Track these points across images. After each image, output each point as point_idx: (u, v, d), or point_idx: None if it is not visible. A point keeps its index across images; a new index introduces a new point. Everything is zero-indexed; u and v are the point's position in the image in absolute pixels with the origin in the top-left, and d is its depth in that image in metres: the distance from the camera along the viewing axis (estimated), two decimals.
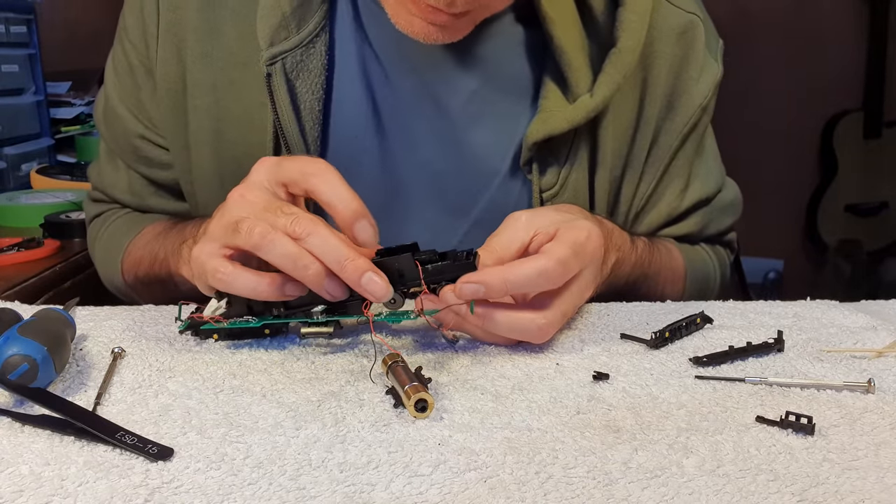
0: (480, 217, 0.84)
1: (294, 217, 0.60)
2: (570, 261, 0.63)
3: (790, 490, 0.45)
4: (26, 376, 0.53)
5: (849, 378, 0.59)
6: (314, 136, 0.80)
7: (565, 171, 0.81)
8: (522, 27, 0.82)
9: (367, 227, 0.61)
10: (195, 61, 0.82)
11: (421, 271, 0.62)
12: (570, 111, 0.78)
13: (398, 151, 0.83)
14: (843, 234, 2.97)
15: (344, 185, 0.62)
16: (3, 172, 1.57)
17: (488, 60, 0.82)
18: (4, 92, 1.61)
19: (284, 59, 0.78)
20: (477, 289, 0.60)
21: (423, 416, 0.53)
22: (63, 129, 1.82)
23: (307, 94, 0.79)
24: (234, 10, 0.81)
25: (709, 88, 0.85)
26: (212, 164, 0.84)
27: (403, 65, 0.81)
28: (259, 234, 0.59)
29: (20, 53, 1.66)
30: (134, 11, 0.85)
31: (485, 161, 0.82)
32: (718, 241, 0.98)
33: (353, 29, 0.82)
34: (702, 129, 0.88)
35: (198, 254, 0.63)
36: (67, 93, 1.91)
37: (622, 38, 0.78)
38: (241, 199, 0.63)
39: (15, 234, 1.27)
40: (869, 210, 2.96)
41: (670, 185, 0.88)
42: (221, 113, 0.82)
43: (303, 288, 0.61)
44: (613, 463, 0.48)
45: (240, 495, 0.44)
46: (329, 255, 0.59)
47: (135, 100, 0.88)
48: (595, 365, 0.62)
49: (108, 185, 0.94)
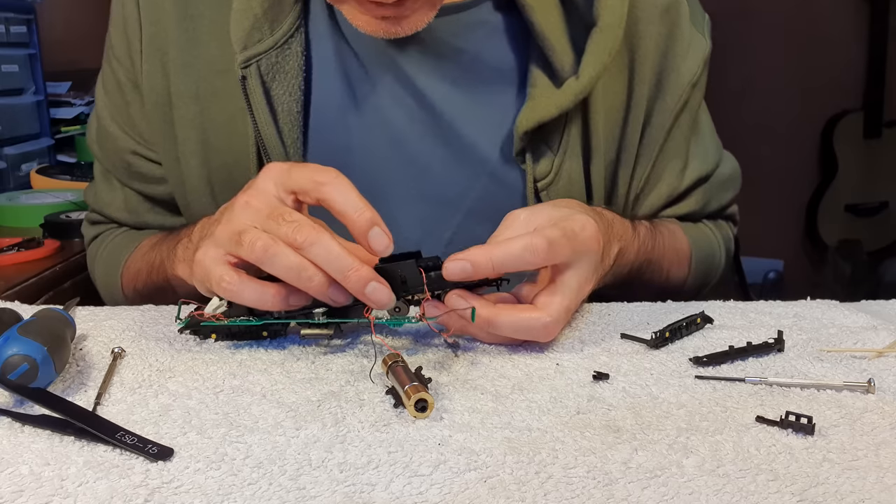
0: (472, 208, 0.83)
1: (296, 225, 0.60)
2: (559, 241, 0.63)
3: (790, 490, 0.45)
4: (26, 376, 0.53)
5: (849, 378, 0.59)
6: (293, 137, 0.80)
7: (559, 159, 0.81)
8: (502, 15, 0.82)
9: (381, 235, 0.60)
10: (177, 72, 0.82)
11: (425, 278, 0.62)
12: (559, 96, 0.78)
13: (383, 148, 0.83)
14: (843, 234, 2.96)
15: (356, 193, 0.61)
16: (3, 172, 1.57)
17: (469, 51, 0.81)
18: (4, 92, 1.61)
19: (259, 62, 0.78)
20: (463, 265, 0.61)
21: (424, 416, 0.53)
22: (63, 129, 1.82)
23: (284, 96, 0.79)
24: (211, 20, 0.81)
25: (697, 64, 0.85)
26: (201, 174, 0.84)
27: (382, 60, 0.81)
28: (261, 248, 0.59)
29: (20, 53, 1.66)
30: (118, 29, 0.86)
31: (474, 152, 0.82)
32: (720, 215, 0.97)
33: (329, 27, 0.81)
34: (694, 105, 0.88)
35: (202, 257, 0.63)
36: (67, 93, 1.91)
37: (602, 17, 0.77)
38: (247, 206, 0.62)
39: (15, 234, 1.27)
40: (869, 210, 2.96)
41: (668, 166, 0.88)
42: (206, 122, 0.82)
43: (307, 298, 0.61)
44: (613, 463, 0.48)
45: (240, 495, 0.44)
46: (332, 265, 0.59)
47: (125, 116, 0.88)
48: (595, 365, 0.62)
49: (105, 205, 0.94)
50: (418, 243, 0.83)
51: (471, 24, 0.81)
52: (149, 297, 0.86)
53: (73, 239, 1.26)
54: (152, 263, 0.83)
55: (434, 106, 0.82)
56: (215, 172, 0.83)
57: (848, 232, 2.96)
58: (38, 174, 1.58)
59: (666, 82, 0.84)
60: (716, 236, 0.95)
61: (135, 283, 0.88)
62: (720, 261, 0.95)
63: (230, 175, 0.83)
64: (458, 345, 0.61)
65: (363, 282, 0.59)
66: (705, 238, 0.93)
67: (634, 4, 0.81)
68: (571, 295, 0.65)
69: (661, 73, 0.84)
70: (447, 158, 0.82)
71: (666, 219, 0.90)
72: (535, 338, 0.64)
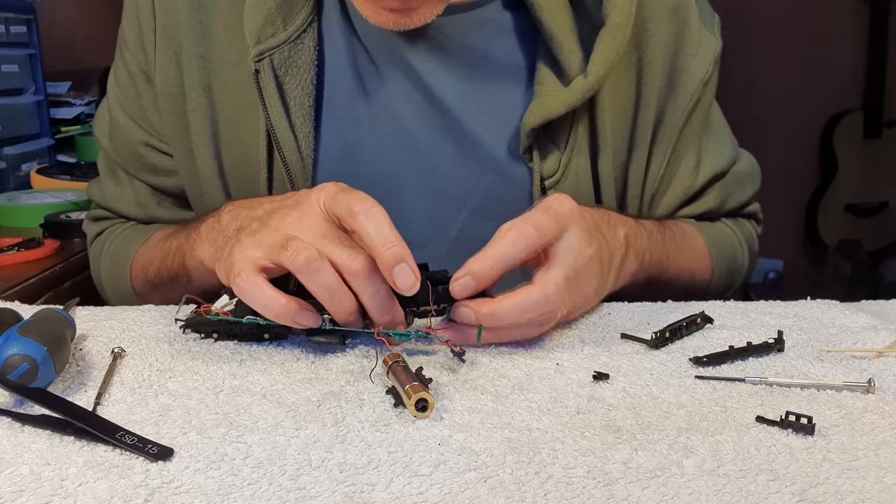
0: (479, 205, 0.83)
1: (352, 252, 0.60)
2: (541, 219, 0.63)
3: (790, 490, 0.45)
4: (26, 376, 0.53)
5: (849, 378, 0.59)
6: (305, 131, 0.80)
7: (566, 156, 0.81)
8: (511, 14, 0.82)
9: (407, 273, 0.59)
10: (191, 64, 0.82)
11: (431, 291, 0.62)
12: (566, 93, 0.78)
13: (392, 143, 0.83)
14: (843, 234, 2.97)
15: (388, 225, 0.60)
16: (3, 172, 1.57)
17: (477, 48, 0.82)
18: (4, 92, 1.61)
19: (272, 56, 0.79)
20: (466, 282, 0.61)
21: (424, 415, 0.53)
22: (63, 129, 1.82)
23: (296, 90, 0.80)
24: (224, 12, 0.82)
25: (709, 63, 0.85)
26: (213, 166, 0.84)
27: (392, 56, 0.82)
28: (305, 259, 0.59)
29: (20, 53, 1.66)
30: (131, 20, 0.86)
31: (481, 149, 0.82)
32: (740, 213, 0.96)
33: (341, 23, 0.82)
34: (706, 104, 0.88)
35: (238, 252, 0.62)
36: (67, 93, 1.91)
37: (611, 16, 0.78)
38: (300, 222, 0.62)
39: (15, 234, 1.27)
40: (869, 210, 2.96)
41: (682, 164, 0.87)
42: (217, 114, 0.83)
43: (314, 321, 0.61)
44: (613, 463, 0.48)
45: (240, 495, 0.44)
46: (376, 304, 0.61)
47: (137, 108, 0.88)
48: (595, 365, 0.62)
49: (112, 200, 0.93)
50: (425, 239, 0.83)
51: (480, 22, 0.81)
52: (159, 285, 0.85)
53: (73, 239, 1.26)
54: (168, 250, 0.83)
55: (443, 102, 0.82)
56: (226, 164, 0.84)
57: (848, 232, 2.97)
58: (38, 174, 1.58)
59: (677, 81, 0.84)
60: (736, 235, 0.94)
61: (145, 272, 0.87)
62: (743, 260, 0.94)
63: (240, 167, 0.83)
64: (464, 352, 0.61)
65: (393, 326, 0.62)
66: (724, 236, 0.92)
67: (643, 4, 0.81)
68: (568, 262, 0.64)
69: (672, 72, 0.84)
70: (455, 155, 0.83)
71: (678, 219, 0.90)
72: (547, 309, 0.63)
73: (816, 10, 2.87)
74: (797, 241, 3.04)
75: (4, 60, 1.61)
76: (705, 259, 0.89)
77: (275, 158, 0.81)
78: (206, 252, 0.72)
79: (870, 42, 2.89)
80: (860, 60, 2.89)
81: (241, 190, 0.83)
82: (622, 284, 0.75)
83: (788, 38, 2.87)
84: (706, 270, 0.89)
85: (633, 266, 0.75)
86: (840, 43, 2.88)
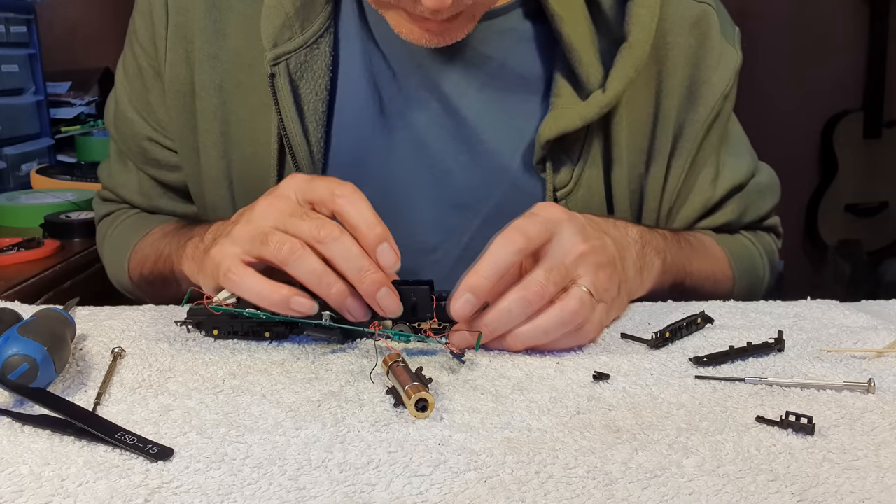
0: (491, 214, 0.83)
1: (320, 221, 0.61)
2: (525, 224, 0.63)
3: (790, 490, 0.45)
4: (26, 376, 0.53)
5: (849, 378, 0.59)
6: (318, 136, 0.80)
7: (579, 168, 0.81)
8: (531, 24, 0.82)
9: (389, 251, 0.61)
10: (203, 63, 0.82)
11: (434, 305, 0.63)
12: (583, 108, 0.78)
13: (405, 150, 0.83)
14: (843, 234, 2.96)
15: (369, 208, 0.62)
16: (3, 172, 1.57)
17: (496, 58, 0.81)
18: (4, 92, 1.61)
19: (288, 60, 0.78)
20: (466, 299, 0.61)
21: (424, 415, 0.53)
22: (63, 129, 1.82)
23: (311, 95, 0.80)
24: (240, 13, 0.81)
25: (729, 76, 0.85)
26: (220, 166, 0.84)
27: (410, 63, 0.81)
28: (288, 250, 0.60)
29: (20, 53, 1.66)
30: (143, 15, 0.86)
31: (495, 158, 0.82)
32: (759, 226, 0.96)
33: (359, 28, 0.82)
34: (725, 116, 0.88)
35: (216, 253, 0.63)
36: (67, 93, 1.91)
37: (633, 32, 0.78)
38: (269, 207, 0.63)
39: (15, 234, 1.27)
40: (869, 210, 2.96)
41: (700, 176, 0.87)
42: (228, 115, 0.83)
43: (310, 308, 0.61)
44: (613, 463, 0.48)
45: (240, 495, 0.44)
46: (350, 263, 0.60)
47: (144, 102, 0.88)
48: (595, 365, 0.62)
49: (118, 185, 0.95)
50: (436, 246, 0.83)
51: (500, 32, 0.81)
52: (153, 284, 0.86)
53: (73, 239, 1.26)
54: (160, 252, 0.84)
55: (458, 111, 0.82)
56: (234, 165, 0.84)
57: (848, 232, 2.96)
58: (38, 174, 1.58)
59: (698, 94, 0.84)
60: (756, 247, 0.93)
61: (141, 268, 0.88)
62: (764, 272, 0.93)
63: (249, 168, 0.83)
64: (464, 353, 0.61)
65: (376, 285, 0.60)
66: (743, 248, 0.92)
67: (663, 17, 0.80)
68: (556, 257, 0.63)
69: (693, 85, 0.84)
70: (468, 163, 0.82)
71: (696, 231, 0.89)
72: (530, 304, 0.62)
73: (816, 10, 2.86)
74: (797, 241, 3.04)
75: (4, 60, 1.61)
76: (726, 268, 0.89)
77: (286, 161, 0.81)
78: (191, 269, 0.74)
79: (870, 42, 2.89)
80: (860, 60, 2.89)
81: (247, 191, 0.83)
82: (652, 280, 0.75)
83: (788, 38, 2.87)
84: (728, 279, 0.89)
85: (657, 262, 0.75)
86: (840, 43, 2.88)
